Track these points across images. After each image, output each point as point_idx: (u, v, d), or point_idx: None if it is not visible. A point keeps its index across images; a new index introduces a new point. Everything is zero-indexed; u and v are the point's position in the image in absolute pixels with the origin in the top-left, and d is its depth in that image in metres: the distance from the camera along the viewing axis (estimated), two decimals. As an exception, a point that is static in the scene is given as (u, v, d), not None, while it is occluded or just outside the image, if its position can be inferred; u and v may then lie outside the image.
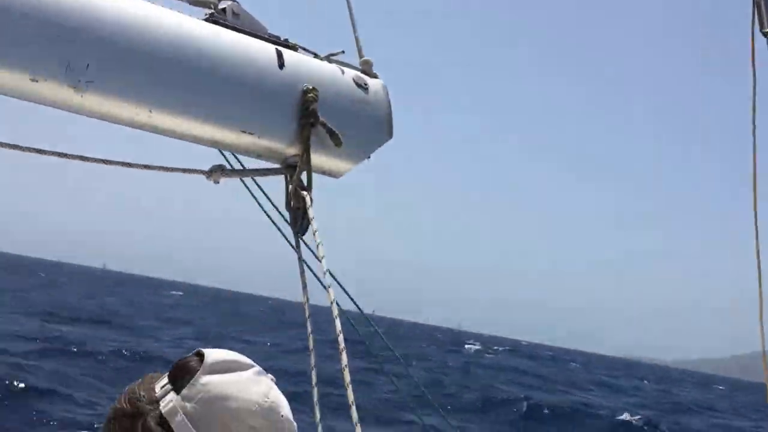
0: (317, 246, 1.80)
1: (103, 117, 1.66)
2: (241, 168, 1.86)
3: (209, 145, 1.79)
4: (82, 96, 1.61)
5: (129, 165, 1.78)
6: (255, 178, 1.93)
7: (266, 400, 1.32)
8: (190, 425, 1.26)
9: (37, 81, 1.57)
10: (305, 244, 1.86)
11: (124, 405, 1.30)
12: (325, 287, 1.81)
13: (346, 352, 1.72)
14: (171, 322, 42.54)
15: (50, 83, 1.58)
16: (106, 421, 1.33)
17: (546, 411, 24.92)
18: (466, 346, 72.86)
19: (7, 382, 15.25)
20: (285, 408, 1.36)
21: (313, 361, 1.83)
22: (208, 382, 1.29)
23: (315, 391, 1.81)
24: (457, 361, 50.26)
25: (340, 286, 1.96)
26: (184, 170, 1.82)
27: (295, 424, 1.37)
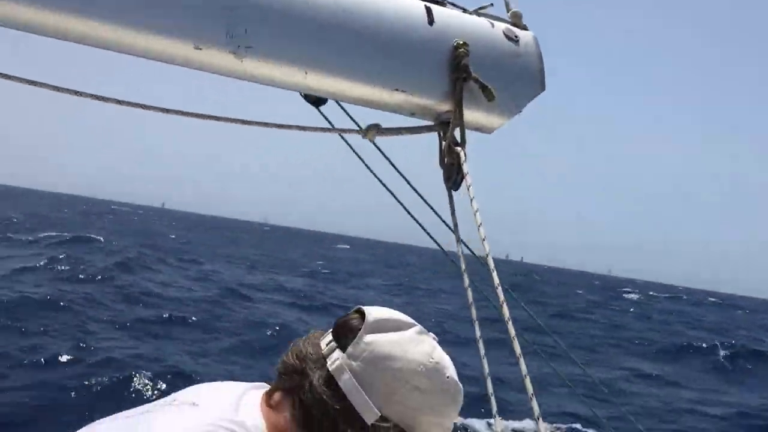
0: (471, 201, 1.75)
1: (261, 81, 1.68)
2: (396, 126, 1.84)
3: (361, 104, 1.77)
4: (242, 61, 1.63)
5: (287, 127, 1.79)
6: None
7: (430, 360, 1.29)
8: (356, 384, 1.24)
9: (200, 49, 1.60)
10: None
11: (293, 361, 1.32)
12: (481, 242, 1.76)
13: (507, 305, 1.66)
14: (360, 274, 44.39)
15: (212, 50, 1.60)
16: (276, 374, 1.35)
17: (745, 359, 23.87)
18: (625, 295, 71.25)
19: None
20: (450, 368, 1.33)
21: (474, 314, 1.79)
22: (372, 341, 1.27)
23: (480, 344, 1.77)
24: (628, 307, 49.37)
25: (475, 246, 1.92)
26: (342, 130, 1.82)
27: (460, 384, 1.33)
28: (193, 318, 16.84)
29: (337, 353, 1.28)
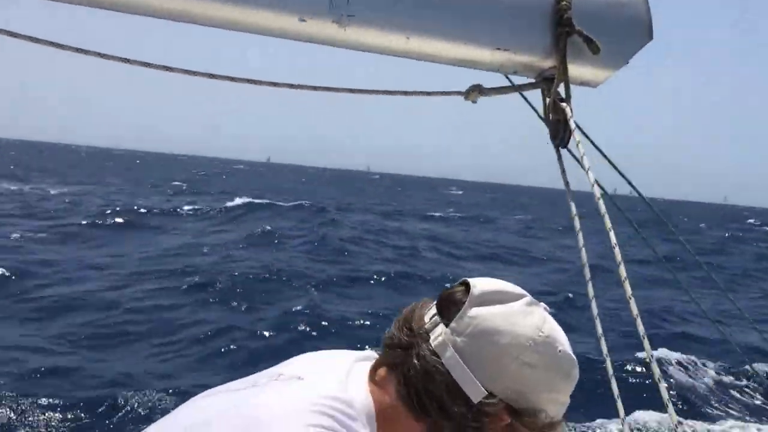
0: (582, 158, 1.70)
1: (363, 48, 1.67)
2: (497, 86, 1.80)
3: (463, 65, 1.73)
4: (345, 30, 1.62)
5: (392, 93, 1.78)
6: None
7: (540, 334, 1.21)
8: (461, 361, 1.18)
9: (305, 21, 1.60)
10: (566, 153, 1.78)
11: (398, 335, 1.27)
12: (596, 201, 1.70)
13: (624, 265, 1.61)
14: (490, 219, 45.11)
15: (316, 21, 1.60)
16: (382, 348, 1.31)
17: None
18: (752, 225, 68.26)
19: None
20: (562, 341, 1.24)
21: (587, 274, 1.75)
22: (477, 315, 1.20)
23: (593, 303, 1.73)
24: (764, 237, 47.44)
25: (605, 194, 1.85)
26: (443, 93, 1.79)
27: (574, 357, 1.25)
28: (399, 277, 17.16)
29: (441, 328, 1.22)
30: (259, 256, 18.29)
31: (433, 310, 1.26)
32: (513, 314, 1.21)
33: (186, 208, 30.75)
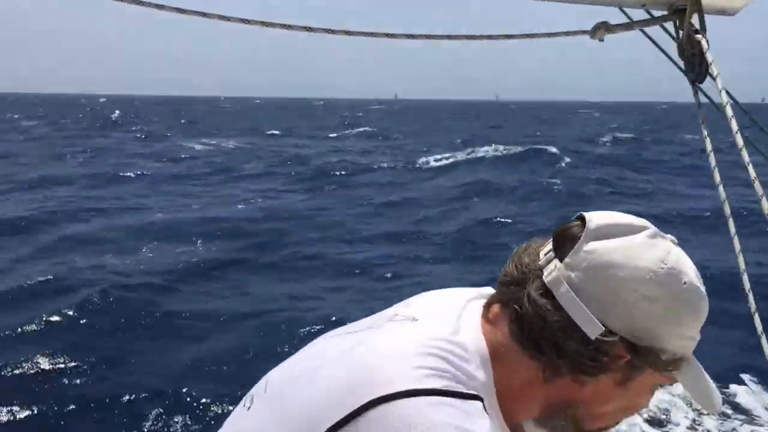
0: (720, 92, 1.58)
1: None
2: (626, 21, 1.69)
3: (591, 2, 1.64)
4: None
5: (512, 37, 1.72)
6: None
7: (662, 266, 1.12)
8: (574, 296, 1.12)
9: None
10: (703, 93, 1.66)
11: (513, 271, 1.21)
12: (733, 135, 1.58)
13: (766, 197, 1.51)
14: (658, 140, 44.03)
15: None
16: (497, 284, 1.25)
17: None
18: None
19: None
20: (689, 273, 1.15)
21: (727, 211, 1.65)
22: (593, 249, 1.13)
23: (735, 240, 1.63)
24: None
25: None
26: (568, 33, 1.70)
27: (704, 291, 1.16)
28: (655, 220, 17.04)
29: (555, 263, 1.15)
30: (490, 211, 17.52)
31: (549, 246, 1.20)
32: (632, 247, 1.14)
33: (383, 164, 29.10)
